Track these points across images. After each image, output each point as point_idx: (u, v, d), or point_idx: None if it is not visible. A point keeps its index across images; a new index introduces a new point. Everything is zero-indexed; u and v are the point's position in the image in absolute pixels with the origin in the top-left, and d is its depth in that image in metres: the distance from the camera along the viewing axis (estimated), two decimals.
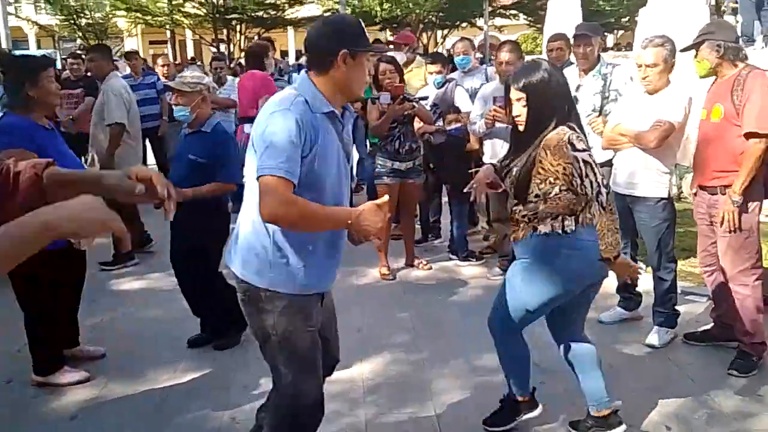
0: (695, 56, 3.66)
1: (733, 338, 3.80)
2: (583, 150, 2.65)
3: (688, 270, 5.03)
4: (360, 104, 5.56)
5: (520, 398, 3.09)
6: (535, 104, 2.70)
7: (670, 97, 3.73)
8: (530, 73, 2.72)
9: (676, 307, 4.07)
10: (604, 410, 3.01)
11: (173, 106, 3.98)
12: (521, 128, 2.78)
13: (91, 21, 26.47)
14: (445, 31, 27.14)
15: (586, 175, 2.63)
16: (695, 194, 3.84)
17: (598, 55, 4.57)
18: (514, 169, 2.80)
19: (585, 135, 2.78)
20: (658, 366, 3.77)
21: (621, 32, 26.25)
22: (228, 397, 3.51)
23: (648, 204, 3.86)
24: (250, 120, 5.01)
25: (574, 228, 2.73)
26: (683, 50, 3.74)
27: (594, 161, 2.67)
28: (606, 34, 26.40)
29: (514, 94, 2.75)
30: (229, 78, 7.56)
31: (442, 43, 27.43)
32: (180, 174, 3.80)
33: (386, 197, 2.33)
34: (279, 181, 2.07)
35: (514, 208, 2.85)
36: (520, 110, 2.74)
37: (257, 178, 2.13)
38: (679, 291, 4.22)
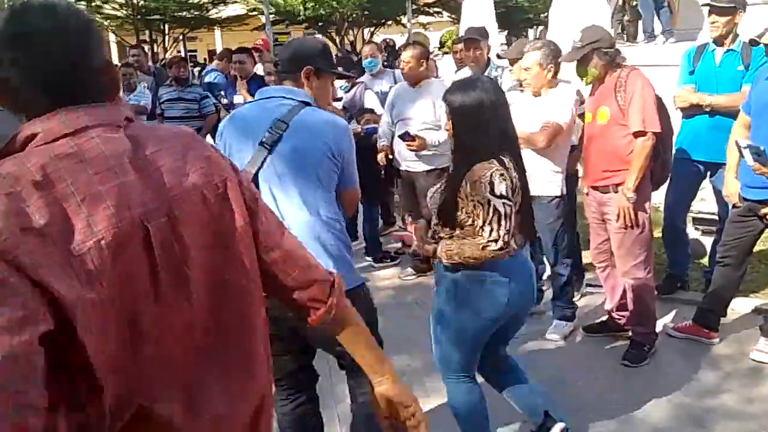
0: (580, 65, 3.75)
1: (627, 329, 3.98)
2: (501, 195, 2.46)
3: (588, 261, 5.18)
4: None
5: None
6: (460, 129, 2.55)
7: (557, 98, 3.86)
8: (458, 91, 2.56)
9: (574, 300, 4.22)
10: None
11: None
12: (452, 143, 2.65)
13: None
14: (372, 29, 27.22)
15: (490, 222, 2.47)
16: (587, 194, 3.97)
17: (488, 58, 4.68)
18: (441, 196, 2.68)
19: (518, 162, 2.61)
20: (556, 358, 3.91)
21: (540, 28, 26.83)
22: None
23: (542, 203, 3.97)
24: None
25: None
26: (566, 59, 3.85)
27: (506, 211, 2.47)
28: (526, 29, 26.98)
29: (446, 110, 2.61)
30: (139, 85, 7.40)
31: (369, 41, 27.48)
32: None
33: None
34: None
35: (437, 230, 2.70)
36: (449, 126, 2.62)
37: (349, 189, 2.48)
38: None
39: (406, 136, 4.73)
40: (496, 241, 2.47)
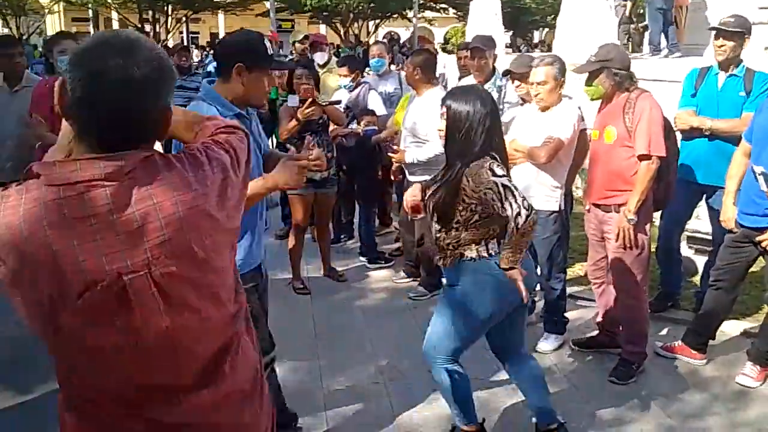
0: (588, 80, 3.77)
1: (616, 345, 4.01)
2: (503, 175, 2.68)
3: (582, 274, 5.22)
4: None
5: (465, 428, 3.07)
6: (453, 128, 2.77)
7: (560, 114, 3.86)
8: (457, 98, 2.79)
9: (566, 314, 4.26)
10: (550, 425, 3.13)
11: None
12: (443, 141, 2.88)
13: None
14: (377, 21, 27.17)
15: (506, 198, 2.64)
16: (588, 211, 4.00)
17: (493, 68, 4.67)
18: (437, 195, 2.83)
19: (506, 162, 2.85)
20: (545, 371, 3.91)
21: (546, 30, 26.82)
22: None
23: (540, 217, 3.97)
24: None
25: (497, 250, 2.79)
26: (576, 71, 3.86)
27: (514, 185, 2.69)
28: (532, 31, 26.99)
29: (442, 113, 2.83)
30: None
31: (374, 33, 27.49)
32: None
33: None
34: None
35: (438, 235, 2.89)
36: (442, 125, 2.84)
37: None
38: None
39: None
40: (519, 214, 2.61)
